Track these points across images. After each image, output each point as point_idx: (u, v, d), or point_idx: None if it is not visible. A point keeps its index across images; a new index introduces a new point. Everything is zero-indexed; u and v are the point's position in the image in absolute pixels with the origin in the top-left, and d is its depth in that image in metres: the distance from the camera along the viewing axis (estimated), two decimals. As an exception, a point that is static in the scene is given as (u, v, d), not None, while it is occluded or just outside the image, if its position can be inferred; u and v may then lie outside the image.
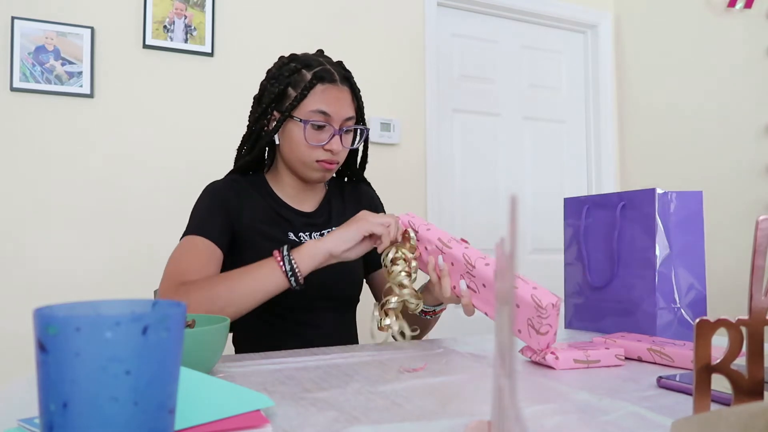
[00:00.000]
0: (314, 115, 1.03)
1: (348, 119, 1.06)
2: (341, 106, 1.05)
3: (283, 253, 0.90)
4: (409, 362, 0.79)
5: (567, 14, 2.80)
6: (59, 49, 1.89)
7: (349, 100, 1.07)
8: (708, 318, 0.41)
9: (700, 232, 1.05)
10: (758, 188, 2.24)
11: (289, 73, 1.06)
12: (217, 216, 1.04)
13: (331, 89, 1.05)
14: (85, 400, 0.31)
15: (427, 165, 2.44)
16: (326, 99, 1.04)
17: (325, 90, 1.04)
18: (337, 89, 1.05)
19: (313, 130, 1.04)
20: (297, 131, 1.04)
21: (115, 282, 1.92)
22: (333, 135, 1.04)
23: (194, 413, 0.46)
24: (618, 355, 0.78)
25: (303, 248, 0.90)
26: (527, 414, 0.54)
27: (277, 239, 1.05)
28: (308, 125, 1.03)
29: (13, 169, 1.84)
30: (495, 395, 0.34)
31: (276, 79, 1.07)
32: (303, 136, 1.03)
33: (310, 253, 0.90)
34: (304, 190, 1.14)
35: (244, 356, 0.83)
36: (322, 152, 1.04)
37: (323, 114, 1.03)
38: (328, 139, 1.04)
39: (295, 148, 1.05)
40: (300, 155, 1.05)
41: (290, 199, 1.13)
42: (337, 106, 1.04)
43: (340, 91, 1.06)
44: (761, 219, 0.42)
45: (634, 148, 2.81)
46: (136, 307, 0.38)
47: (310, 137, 1.03)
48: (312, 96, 1.04)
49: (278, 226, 1.08)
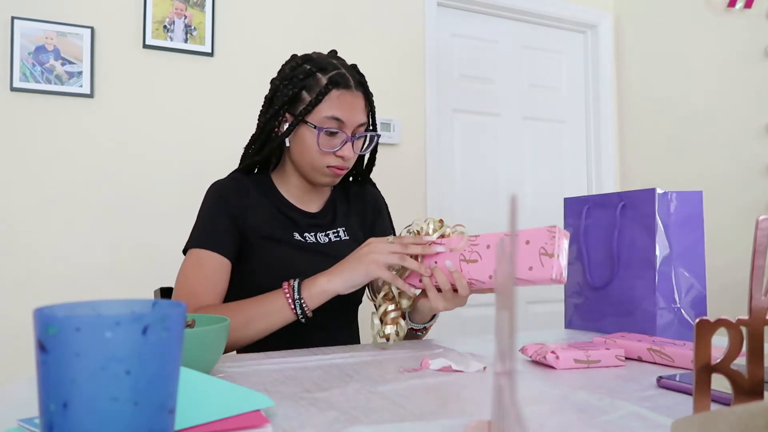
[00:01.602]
0: (328, 121, 1.02)
1: (360, 125, 1.05)
2: (355, 113, 1.04)
3: (294, 295, 0.90)
4: (409, 362, 0.79)
5: (567, 14, 2.80)
6: (59, 49, 1.89)
7: (363, 106, 1.06)
8: (708, 318, 0.41)
9: (700, 232, 1.05)
10: (758, 188, 2.24)
11: (304, 75, 1.04)
12: (223, 222, 1.03)
13: (346, 95, 1.03)
14: (85, 400, 0.31)
15: (427, 165, 2.44)
16: (341, 105, 1.02)
17: (340, 96, 1.03)
18: (352, 95, 1.04)
19: (326, 137, 1.03)
20: (310, 136, 1.03)
21: (116, 282, 1.92)
22: (345, 141, 1.03)
23: (194, 413, 0.46)
24: (618, 356, 0.78)
25: (312, 287, 0.90)
26: (527, 414, 0.54)
27: (281, 239, 1.05)
28: (322, 132, 1.02)
29: (13, 169, 1.84)
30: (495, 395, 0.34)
31: (289, 80, 1.05)
32: (316, 141, 1.02)
33: (318, 292, 0.90)
34: (309, 191, 1.13)
35: (244, 356, 0.83)
36: (334, 158, 1.04)
37: (337, 121, 1.02)
38: (340, 146, 1.03)
39: (306, 152, 1.05)
40: (311, 160, 1.05)
41: (295, 200, 1.12)
42: (351, 113, 1.03)
43: (355, 97, 1.04)
44: (761, 219, 0.42)
45: (634, 148, 2.81)
46: (136, 307, 0.38)
47: (323, 144, 1.03)
48: (327, 101, 1.02)
49: (283, 226, 1.07)
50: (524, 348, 0.81)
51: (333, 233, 1.11)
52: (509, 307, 0.30)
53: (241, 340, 0.92)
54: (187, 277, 0.99)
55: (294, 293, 0.90)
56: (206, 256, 1.00)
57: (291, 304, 0.90)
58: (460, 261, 0.86)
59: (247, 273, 1.05)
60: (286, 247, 1.05)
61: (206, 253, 1.00)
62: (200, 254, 1.00)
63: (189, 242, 1.03)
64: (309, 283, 0.91)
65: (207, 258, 1.00)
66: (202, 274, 0.99)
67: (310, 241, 1.08)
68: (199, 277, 0.98)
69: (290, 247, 1.05)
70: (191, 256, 1.01)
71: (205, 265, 0.99)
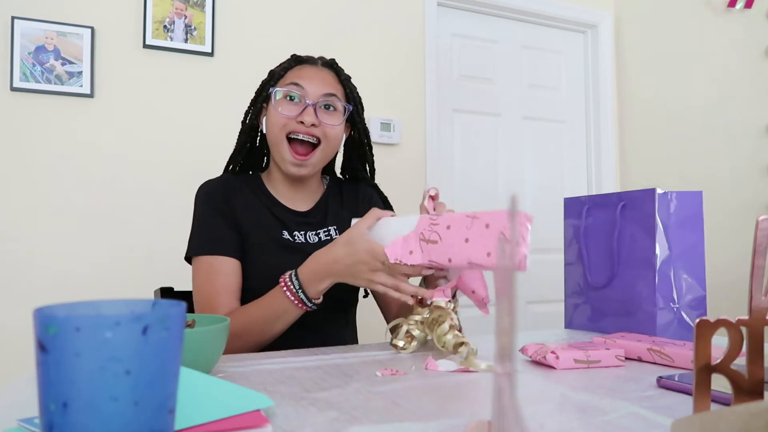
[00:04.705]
0: (288, 87, 1.04)
1: (328, 95, 1.05)
2: (318, 83, 1.04)
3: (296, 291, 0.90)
4: (410, 362, 0.79)
5: (567, 14, 2.80)
6: (59, 49, 1.89)
7: (330, 80, 1.07)
8: (708, 318, 0.41)
9: (700, 232, 1.05)
10: (758, 188, 2.24)
11: (282, 69, 1.09)
12: (218, 222, 1.04)
13: (309, 68, 1.07)
14: (85, 400, 0.31)
15: (427, 165, 2.44)
16: (301, 75, 1.05)
17: (302, 68, 1.07)
18: (316, 68, 1.07)
19: (285, 102, 1.03)
20: (272, 110, 1.05)
21: (116, 281, 1.92)
22: (307, 106, 1.02)
23: (194, 413, 0.46)
24: (618, 356, 0.78)
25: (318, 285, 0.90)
26: (527, 414, 0.54)
27: (269, 238, 1.05)
28: (281, 95, 1.04)
29: (13, 169, 1.84)
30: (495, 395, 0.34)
31: (270, 76, 1.10)
32: (276, 108, 1.03)
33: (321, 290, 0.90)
34: (297, 189, 1.13)
35: (244, 356, 0.83)
36: (295, 124, 1.02)
37: (296, 86, 1.03)
38: (300, 111, 1.02)
39: (270, 127, 1.05)
40: (274, 134, 1.04)
41: (284, 199, 1.12)
42: (313, 81, 1.04)
43: (319, 70, 1.07)
44: (761, 219, 0.42)
45: (634, 148, 2.81)
46: (136, 307, 0.38)
47: (282, 107, 1.03)
48: (289, 73, 1.06)
49: (271, 225, 1.07)
50: (524, 348, 0.81)
51: (323, 232, 1.10)
52: (509, 307, 0.30)
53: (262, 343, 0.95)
54: (202, 287, 1.00)
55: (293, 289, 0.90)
56: (214, 262, 1.00)
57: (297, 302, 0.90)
58: (419, 240, 0.84)
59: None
60: (273, 246, 1.05)
61: (213, 259, 1.00)
62: (208, 261, 1.01)
63: (190, 249, 1.03)
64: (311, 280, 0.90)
65: (216, 264, 1.00)
66: (215, 281, 0.99)
67: (299, 240, 1.07)
68: (213, 285, 0.99)
69: (277, 247, 1.05)
70: (200, 266, 1.01)
71: (215, 272, 1.00)
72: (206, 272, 1.00)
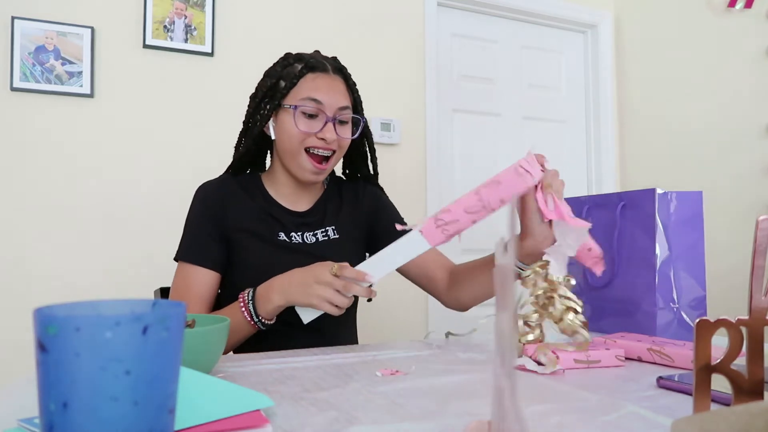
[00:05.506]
0: (305, 102, 1.02)
1: (343, 108, 1.04)
2: (334, 95, 1.03)
3: (251, 310, 0.91)
4: (403, 363, 0.79)
5: (567, 14, 2.80)
6: (59, 49, 1.89)
7: (343, 90, 1.06)
8: (708, 318, 0.41)
9: (700, 232, 1.05)
10: (758, 188, 2.24)
11: (282, 67, 1.07)
12: (206, 230, 1.04)
13: (323, 77, 1.04)
14: (85, 400, 0.31)
15: (427, 165, 2.44)
16: (317, 87, 1.03)
17: (315, 78, 1.03)
18: (329, 77, 1.05)
19: (304, 118, 1.02)
20: (288, 120, 1.03)
21: (115, 282, 1.92)
22: (326, 122, 1.02)
23: (194, 413, 0.46)
24: (618, 356, 0.78)
25: (267, 304, 0.90)
26: (527, 414, 0.54)
27: (265, 240, 1.05)
28: (298, 111, 1.01)
29: (13, 169, 1.84)
30: (495, 395, 0.34)
31: (269, 74, 1.08)
32: (294, 123, 1.02)
33: (272, 310, 0.91)
34: (299, 190, 1.12)
35: (244, 356, 0.83)
36: (314, 140, 1.02)
37: (314, 101, 1.02)
38: (320, 127, 1.02)
39: (286, 139, 1.03)
40: (291, 147, 1.03)
41: (283, 199, 1.12)
42: (329, 94, 1.03)
43: (332, 80, 1.05)
44: (761, 219, 0.42)
45: (634, 148, 2.81)
46: (136, 307, 0.38)
47: (301, 124, 1.02)
48: (302, 83, 1.03)
49: (267, 226, 1.07)
50: (525, 348, 0.81)
51: (321, 232, 1.10)
52: (509, 307, 0.30)
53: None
54: (177, 291, 1.03)
55: (249, 308, 0.91)
56: (192, 272, 1.02)
57: (249, 318, 0.91)
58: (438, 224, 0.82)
59: (229, 273, 1.06)
60: (269, 247, 1.05)
61: (192, 269, 1.03)
62: (187, 270, 1.03)
63: (178, 252, 1.05)
64: (263, 298, 0.91)
65: (192, 273, 1.02)
66: (190, 289, 1.02)
67: (296, 241, 1.07)
68: (188, 292, 1.01)
69: (273, 248, 1.05)
70: (179, 271, 1.04)
71: (190, 281, 1.02)
72: (184, 278, 1.03)
